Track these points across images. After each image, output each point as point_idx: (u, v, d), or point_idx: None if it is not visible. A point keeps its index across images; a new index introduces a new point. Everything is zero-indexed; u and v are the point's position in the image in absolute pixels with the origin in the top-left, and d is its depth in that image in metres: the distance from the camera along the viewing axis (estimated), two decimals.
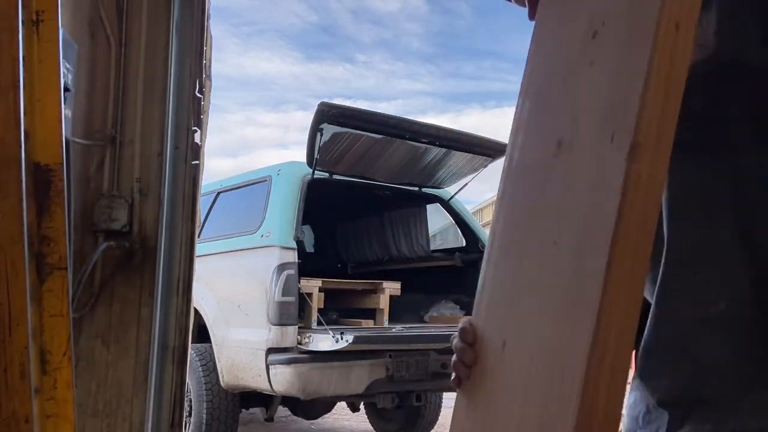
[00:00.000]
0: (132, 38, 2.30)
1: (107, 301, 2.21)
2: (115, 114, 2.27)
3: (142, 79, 2.29)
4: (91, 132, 2.26)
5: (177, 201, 2.28)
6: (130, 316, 2.20)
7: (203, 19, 2.35)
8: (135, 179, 2.27)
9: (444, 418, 6.00)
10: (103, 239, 2.21)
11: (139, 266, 2.23)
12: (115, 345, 2.19)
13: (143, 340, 2.19)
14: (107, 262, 2.22)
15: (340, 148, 4.46)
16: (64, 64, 1.70)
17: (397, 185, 5.18)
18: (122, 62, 2.29)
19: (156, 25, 2.30)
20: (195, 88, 2.32)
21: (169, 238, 2.26)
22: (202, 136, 2.37)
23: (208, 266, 4.50)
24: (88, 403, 2.15)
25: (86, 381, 2.16)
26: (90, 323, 2.19)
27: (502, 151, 4.92)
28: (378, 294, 4.81)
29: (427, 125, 4.55)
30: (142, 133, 2.28)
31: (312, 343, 3.89)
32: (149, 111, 2.29)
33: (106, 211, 2.22)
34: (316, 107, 4.05)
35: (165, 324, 2.22)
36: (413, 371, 4.23)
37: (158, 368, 2.20)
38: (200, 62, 2.33)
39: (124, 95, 2.28)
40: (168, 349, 2.22)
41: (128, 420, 2.16)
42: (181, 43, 2.32)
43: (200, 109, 2.34)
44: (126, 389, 2.17)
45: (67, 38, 1.92)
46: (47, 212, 1.52)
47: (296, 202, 4.31)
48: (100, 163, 2.27)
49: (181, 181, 2.29)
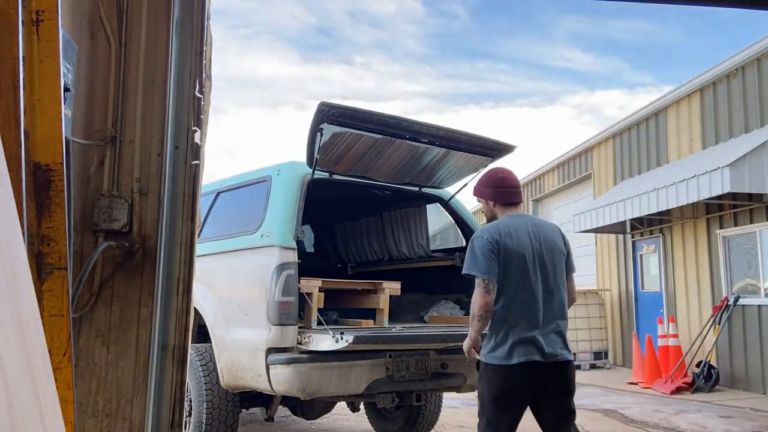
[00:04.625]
0: (132, 38, 2.30)
1: (107, 301, 2.20)
2: (115, 114, 2.27)
3: (142, 79, 2.29)
4: (91, 132, 2.26)
5: (177, 201, 2.28)
6: (130, 316, 2.20)
7: (203, 19, 2.35)
8: (135, 179, 2.27)
9: (444, 418, 6.00)
10: (103, 239, 2.20)
11: (139, 266, 2.23)
12: (115, 345, 2.18)
13: (143, 340, 2.19)
14: (107, 262, 2.22)
15: (339, 148, 4.45)
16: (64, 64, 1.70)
17: (397, 185, 5.18)
18: (122, 62, 2.28)
19: (156, 25, 2.30)
20: (195, 88, 2.32)
21: (169, 238, 2.26)
22: (202, 136, 2.37)
23: (208, 266, 4.50)
24: (88, 403, 2.15)
25: (86, 381, 2.16)
26: (90, 323, 2.19)
27: (502, 151, 4.91)
28: (378, 294, 4.81)
29: (427, 125, 4.53)
30: (142, 133, 2.28)
31: (312, 343, 3.88)
32: (149, 111, 2.28)
33: (106, 211, 2.21)
34: (316, 107, 4.04)
35: (165, 324, 2.22)
36: (413, 371, 4.23)
37: (158, 368, 2.19)
38: (200, 62, 2.33)
39: (124, 95, 2.28)
40: (168, 349, 2.21)
41: (128, 420, 2.15)
42: (181, 43, 2.32)
43: (200, 109, 2.34)
44: (126, 389, 2.17)
45: (67, 38, 1.92)
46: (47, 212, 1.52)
47: (296, 202, 4.30)
48: (100, 163, 2.27)
49: (181, 181, 2.29)
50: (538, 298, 3.07)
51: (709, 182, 7.86)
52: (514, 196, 3.30)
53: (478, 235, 3.17)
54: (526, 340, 2.99)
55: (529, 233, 3.16)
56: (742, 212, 8.84)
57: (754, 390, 8.41)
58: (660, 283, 10.72)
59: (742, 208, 8.77)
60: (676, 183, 8.51)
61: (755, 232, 8.64)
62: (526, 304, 3.05)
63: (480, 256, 3.07)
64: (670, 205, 8.76)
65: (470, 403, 7.56)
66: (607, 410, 7.26)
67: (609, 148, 12.46)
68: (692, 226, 9.85)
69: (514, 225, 3.17)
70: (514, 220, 3.21)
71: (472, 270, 3.08)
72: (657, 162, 10.84)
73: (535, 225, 3.26)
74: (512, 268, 3.07)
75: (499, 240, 3.08)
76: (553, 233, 3.29)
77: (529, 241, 3.13)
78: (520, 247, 3.10)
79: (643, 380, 9.31)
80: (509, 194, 3.29)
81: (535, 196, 16.39)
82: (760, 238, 8.56)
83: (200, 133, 2.35)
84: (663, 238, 10.63)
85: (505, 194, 3.28)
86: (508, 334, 3.01)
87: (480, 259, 3.07)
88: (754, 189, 7.69)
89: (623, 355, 11.69)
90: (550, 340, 3.04)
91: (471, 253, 3.13)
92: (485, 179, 3.37)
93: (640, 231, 11.22)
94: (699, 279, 9.66)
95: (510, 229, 3.13)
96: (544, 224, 3.35)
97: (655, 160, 10.90)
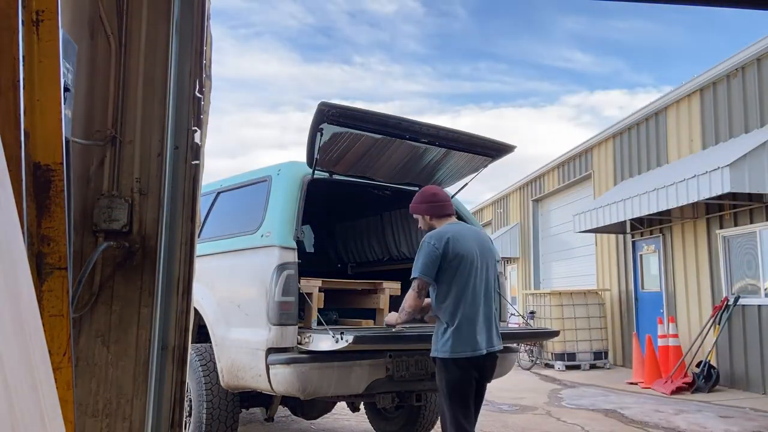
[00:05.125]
0: (132, 38, 2.29)
1: (107, 301, 2.20)
2: (115, 114, 2.27)
3: (142, 79, 2.29)
4: (91, 132, 2.26)
5: (177, 201, 2.27)
6: (130, 316, 2.20)
7: (203, 19, 2.34)
8: (135, 179, 2.27)
9: None
10: (103, 239, 2.20)
11: (139, 266, 2.23)
12: (115, 345, 2.18)
13: (143, 340, 2.19)
14: (107, 262, 2.22)
15: (340, 148, 4.45)
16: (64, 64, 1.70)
17: (397, 185, 5.18)
18: (122, 62, 2.28)
19: (156, 25, 2.30)
20: (195, 88, 2.31)
21: (169, 238, 2.26)
22: (202, 136, 2.37)
23: (208, 266, 4.50)
24: (88, 403, 2.15)
25: (86, 381, 2.16)
26: (90, 323, 2.18)
27: (502, 151, 4.91)
28: (378, 294, 4.81)
29: (427, 125, 4.52)
30: (142, 133, 2.28)
31: (312, 343, 3.88)
32: (149, 111, 2.28)
33: (106, 211, 2.21)
34: (317, 107, 4.03)
35: (165, 324, 2.21)
36: (413, 371, 4.23)
37: (158, 368, 2.19)
38: (200, 62, 2.33)
39: (124, 95, 2.28)
40: (168, 349, 2.21)
41: (128, 420, 2.15)
42: (181, 43, 2.31)
43: (200, 109, 2.34)
44: (126, 389, 2.17)
45: (67, 38, 1.92)
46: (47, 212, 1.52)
47: (296, 202, 4.29)
48: (100, 163, 2.26)
49: (181, 181, 2.29)
50: (481, 297, 3.55)
51: (709, 182, 7.86)
52: (447, 208, 3.78)
53: (426, 240, 3.58)
54: (471, 335, 3.45)
55: (473, 239, 3.64)
56: (742, 212, 8.84)
57: (754, 390, 8.41)
58: (660, 283, 10.72)
59: (742, 208, 8.77)
60: (676, 183, 8.51)
61: (755, 232, 8.64)
62: (473, 301, 3.50)
63: (423, 257, 3.52)
64: (670, 205, 8.76)
65: None
66: (607, 410, 7.26)
67: (609, 148, 12.46)
68: (692, 226, 9.85)
69: (460, 231, 3.64)
70: (459, 227, 3.70)
71: (414, 272, 3.55)
72: (657, 162, 10.84)
73: (476, 232, 3.79)
74: (460, 269, 3.50)
75: (448, 244, 3.50)
76: (489, 242, 3.83)
77: (474, 246, 3.60)
78: (466, 250, 3.54)
79: (643, 380, 9.31)
80: (441, 207, 3.76)
81: (535, 196, 16.39)
82: (760, 238, 8.56)
83: (200, 133, 2.35)
84: (663, 238, 10.62)
85: (438, 207, 3.75)
86: (457, 329, 3.44)
87: (422, 260, 3.51)
88: (754, 189, 7.69)
89: (623, 355, 11.69)
90: (491, 334, 3.56)
91: (418, 254, 3.58)
92: (419, 197, 3.83)
93: (640, 231, 11.22)
94: (699, 279, 9.66)
95: (458, 235, 3.58)
96: (482, 233, 3.91)
97: (655, 160, 10.90)
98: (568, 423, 6.51)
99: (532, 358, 11.78)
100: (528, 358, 11.86)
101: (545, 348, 11.66)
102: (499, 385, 7.98)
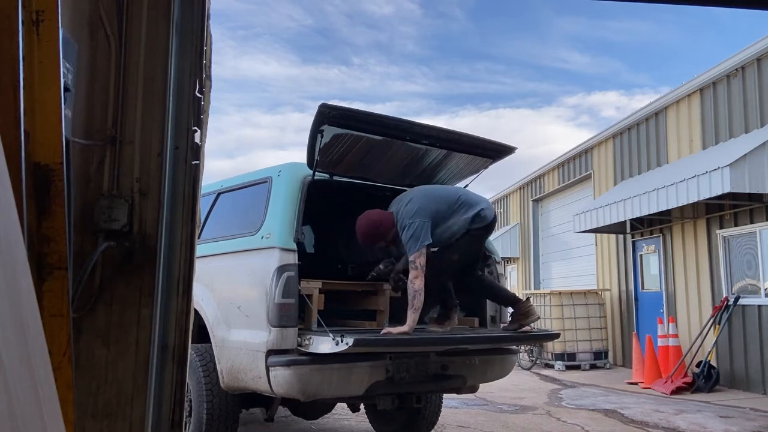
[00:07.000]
0: (132, 38, 2.29)
1: (107, 301, 2.20)
2: (115, 114, 2.27)
3: (142, 79, 2.29)
4: (91, 132, 2.26)
5: (177, 201, 2.27)
6: (129, 316, 2.20)
7: (203, 19, 2.34)
8: (135, 179, 2.27)
9: (444, 418, 6.00)
10: (103, 239, 2.20)
11: (139, 266, 2.22)
12: (115, 345, 2.18)
13: (143, 340, 2.19)
14: (107, 262, 2.21)
15: (340, 150, 4.45)
16: (64, 64, 1.69)
17: (398, 186, 5.17)
18: (122, 62, 2.28)
19: (156, 25, 2.30)
20: (195, 88, 2.31)
21: (169, 239, 2.25)
22: (202, 136, 2.37)
23: (208, 267, 4.49)
24: (88, 403, 2.14)
25: (86, 381, 2.15)
26: (90, 323, 2.18)
27: (502, 152, 4.91)
28: (378, 295, 4.80)
29: (428, 126, 4.52)
30: (142, 133, 2.28)
31: (312, 345, 3.87)
32: (149, 111, 2.28)
33: (106, 211, 2.21)
34: (317, 108, 4.03)
35: (165, 324, 2.21)
36: (413, 373, 4.22)
37: (158, 368, 2.19)
38: (200, 62, 2.33)
39: (124, 95, 2.27)
40: (168, 349, 2.21)
41: (128, 420, 2.15)
42: (181, 43, 2.31)
43: (200, 109, 2.34)
44: (126, 389, 2.17)
45: (67, 38, 1.92)
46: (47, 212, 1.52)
47: (297, 204, 4.29)
48: (100, 163, 2.26)
49: (181, 181, 2.28)
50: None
51: (709, 182, 7.86)
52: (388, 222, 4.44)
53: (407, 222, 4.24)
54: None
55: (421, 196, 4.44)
56: (742, 212, 8.84)
57: (754, 390, 8.41)
58: (660, 283, 10.72)
59: (742, 208, 8.77)
60: (676, 183, 8.51)
61: (755, 232, 8.64)
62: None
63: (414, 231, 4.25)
64: (670, 205, 8.76)
65: (470, 403, 7.56)
66: (607, 410, 7.26)
67: (609, 148, 12.46)
68: (692, 226, 9.85)
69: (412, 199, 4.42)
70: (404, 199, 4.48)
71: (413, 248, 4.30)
72: (657, 162, 10.84)
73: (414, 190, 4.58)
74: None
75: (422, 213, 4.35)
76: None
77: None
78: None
79: (643, 380, 9.31)
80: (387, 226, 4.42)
81: (535, 196, 16.39)
82: (760, 238, 8.56)
83: (200, 133, 2.34)
84: (663, 238, 10.62)
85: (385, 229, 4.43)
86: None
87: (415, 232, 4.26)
88: (754, 189, 7.69)
89: (623, 355, 11.69)
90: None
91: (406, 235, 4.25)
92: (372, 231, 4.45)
93: (640, 231, 11.22)
94: (699, 279, 9.66)
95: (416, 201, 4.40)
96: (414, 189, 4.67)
97: (655, 160, 10.90)
98: (568, 423, 6.51)
99: (532, 358, 11.78)
100: (528, 358, 11.86)
101: (545, 348, 11.66)
102: (500, 385, 7.97)
